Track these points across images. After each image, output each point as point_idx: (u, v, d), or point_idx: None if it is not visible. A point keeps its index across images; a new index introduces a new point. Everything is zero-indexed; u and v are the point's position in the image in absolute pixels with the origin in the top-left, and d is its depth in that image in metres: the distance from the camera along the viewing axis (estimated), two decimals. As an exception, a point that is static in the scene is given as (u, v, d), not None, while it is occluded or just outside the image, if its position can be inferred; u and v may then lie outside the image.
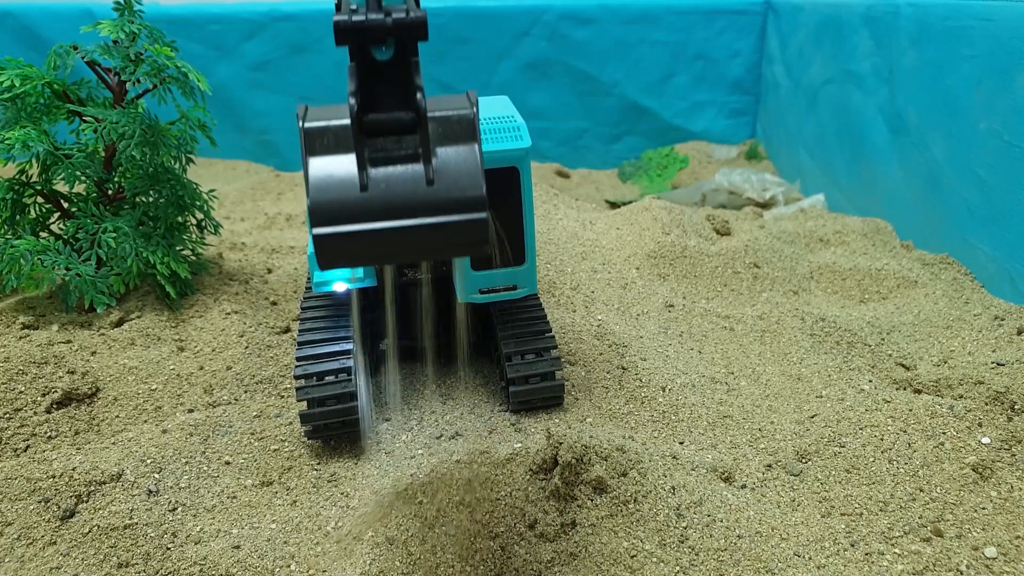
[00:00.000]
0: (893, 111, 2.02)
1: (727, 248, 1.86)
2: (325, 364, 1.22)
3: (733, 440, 1.23)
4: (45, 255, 1.48)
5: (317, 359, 1.23)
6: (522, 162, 1.13)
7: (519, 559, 0.97)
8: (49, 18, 2.89)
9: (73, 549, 1.02)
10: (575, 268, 1.76)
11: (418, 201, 0.70)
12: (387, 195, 0.70)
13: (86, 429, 1.24)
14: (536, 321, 1.33)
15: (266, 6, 2.86)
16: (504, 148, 1.12)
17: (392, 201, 0.70)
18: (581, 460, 1.03)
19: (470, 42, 2.89)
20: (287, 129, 2.96)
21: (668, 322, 1.59)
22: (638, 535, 0.98)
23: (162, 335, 1.49)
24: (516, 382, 1.26)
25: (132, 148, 1.50)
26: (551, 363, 1.27)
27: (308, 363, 1.22)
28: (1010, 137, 1.57)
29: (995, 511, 1.05)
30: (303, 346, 1.24)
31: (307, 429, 1.20)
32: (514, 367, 1.26)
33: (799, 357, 1.46)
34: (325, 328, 1.28)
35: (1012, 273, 1.57)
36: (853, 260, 1.84)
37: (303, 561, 1.02)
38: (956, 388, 1.27)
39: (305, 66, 2.88)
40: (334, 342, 1.25)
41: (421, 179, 0.70)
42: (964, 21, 1.73)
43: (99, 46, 1.55)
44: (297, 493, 1.15)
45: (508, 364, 1.27)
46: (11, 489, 1.09)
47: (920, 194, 1.91)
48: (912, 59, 1.93)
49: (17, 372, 1.27)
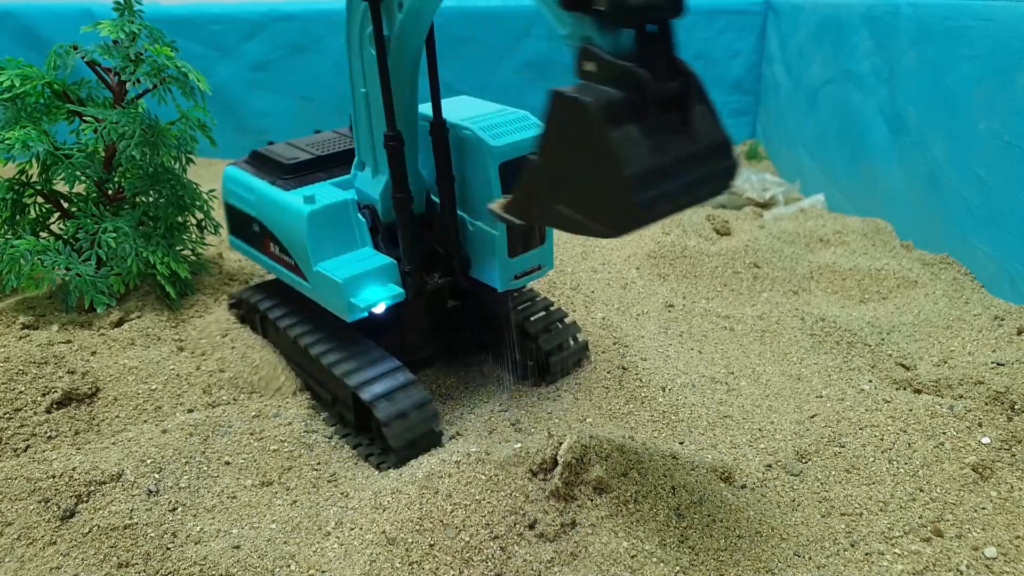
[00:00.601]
0: (893, 111, 2.02)
1: (727, 248, 1.86)
2: (387, 381, 1.19)
3: (733, 440, 1.23)
4: (45, 255, 1.48)
5: (375, 380, 1.20)
6: None
7: (519, 559, 0.97)
8: (49, 18, 2.89)
9: (73, 549, 1.02)
10: (575, 268, 1.76)
11: (692, 155, 0.80)
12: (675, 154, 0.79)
13: (86, 429, 1.24)
14: (537, 300, 1.42)
15: (266, 6, 2.86)
16: (521, 139, 1.19)
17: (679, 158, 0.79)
18: (581, 460, 1.03)
19: (470, 42, 2.88)
20: (287, 129, 2.96)
21: (668, 322, 1.59)
22: (638, 535, 0.98)
23: (162, 335, 1.49)
24: (554, 352, 1.36)
25: (132, 148, 1.50)
26: (572, 328, 1.40)
27: (369, 385, 1.18)
28: (1010, 137, 1.57)
29: (995, 511, 1.05)
30: (352, 374, 1.20)
31: (399, 445, 1.16)
32: (547, 340, 1.36)
33: (799, 357, 1.46)
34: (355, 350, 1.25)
35: (1012, 273, 1.57)
36: (853, 260, 1.84)
37: (303, 561, 1.02)
38: (956, 388, 1.27)
39: (305, 66, 2.88)
40: (379, 360, 1.23)
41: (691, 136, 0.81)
42: (964, 21, 1.73)
43: (99, 46, 1.55)
44: (297, 493, 1.15)
45: (542, 339, 1.35)
46: (11, 489, 1.09)
47: (920, 194, 1.91)
48: (912, 59, 1.93)
49: (17, 372, 1.27)
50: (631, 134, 0.78)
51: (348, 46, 1.15)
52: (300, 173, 1.28)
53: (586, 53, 0.80)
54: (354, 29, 1.13)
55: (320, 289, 1.19)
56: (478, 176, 1.19)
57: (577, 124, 0.78)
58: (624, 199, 0.75)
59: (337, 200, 1.19)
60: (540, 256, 1.27)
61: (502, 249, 1.22)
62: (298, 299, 1.33)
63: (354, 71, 1.16)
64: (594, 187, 0.78)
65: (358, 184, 1.25)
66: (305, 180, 1.27)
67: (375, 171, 1.22)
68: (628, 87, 0.78)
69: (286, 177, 1.27)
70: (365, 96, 1.16)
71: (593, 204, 0.79)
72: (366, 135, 1.20)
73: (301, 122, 2.86)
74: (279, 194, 1.23)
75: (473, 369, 1.47)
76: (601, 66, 0.79)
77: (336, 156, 1.33)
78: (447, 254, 1.25)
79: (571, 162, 0.80)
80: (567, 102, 0.78)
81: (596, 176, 0.78)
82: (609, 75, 0.79)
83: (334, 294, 1.17)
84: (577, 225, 0.81)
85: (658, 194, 0.77)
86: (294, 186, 1.24)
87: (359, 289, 1.16)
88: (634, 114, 0.78)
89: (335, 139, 1.40)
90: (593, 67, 0.80)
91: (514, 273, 1.25)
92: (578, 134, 0.78)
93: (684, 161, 0.80)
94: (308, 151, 1.33)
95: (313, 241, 1.17)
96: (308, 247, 1.17)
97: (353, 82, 1.18)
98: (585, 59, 0.80)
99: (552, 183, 0.82)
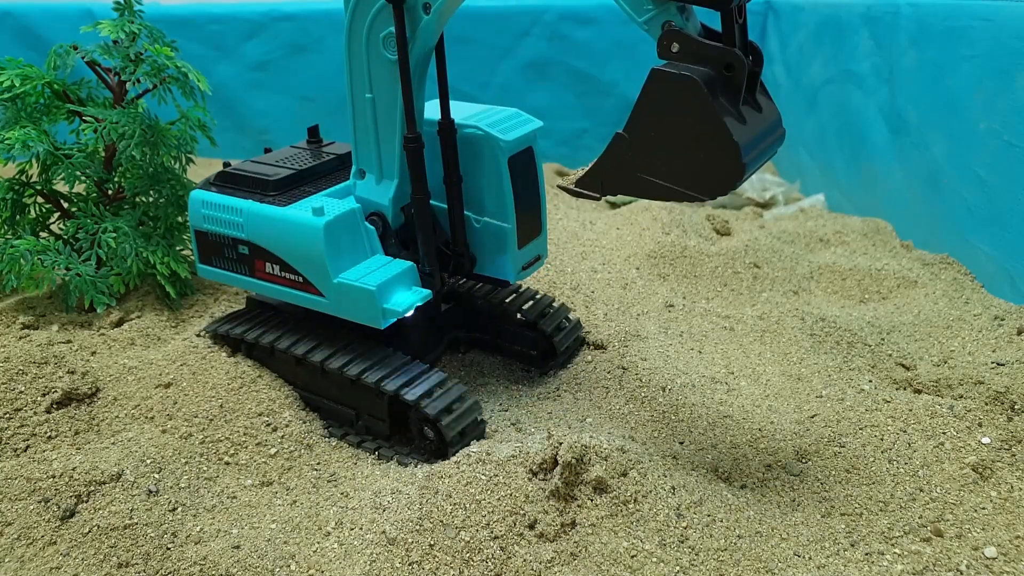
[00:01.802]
0: (893, 111, 2.02)
1: (727, 248, 1.86)
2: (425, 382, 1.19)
3: (733, 440, 1.23)
4: (45, 255, 1.48)
5: (413, 383, 1.19)
6: (536, 141, 1.27)
7: (519, 559, 0.97)
8: (49, 18, 2.89)
9: (73, 549, 1.02)
10: (575, 268, 1.76)
11: (765, 127, 0.94)
12: (756, 124, 0.92)
13: (86, 429, 1.24)
14: (521, 292, 1.45)
15: (266, 6, 2.86)
16: (524, 133, 1.23)
17: (760, 128, 0.92)
18: (581, 460, 1.03)
19: (470, 42, 2.88)
20: (287, 129, 2.96)
21: (668, 322, 1.59)
22: (638, 535, 0.98)
23: (162, 335, 1.49)
24: (555, 333, 1.40)
25: (132, 148, 1.50)
26: (563, 310, 1.45)
27: (410, 388, 1.18)
28: (1010, 137, 1.57)
29: (995, 511, 1.05)
30: (387, 380, 1.19)
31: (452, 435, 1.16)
32: (546, 323, 1.40)
33: (799, 357, 1.46)
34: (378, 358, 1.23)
35: (1012, 273, 1.56)
36: (853, 260, 1.84)
37: (303, 561, 1.02)
38: (956, 388, 1.27)
39: (305, 66, 2.88)
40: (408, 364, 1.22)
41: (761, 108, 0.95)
42: (964, 21, 1.72)
43: (99, 46, 1.55)
44: (297, 493, 1.15)
45: (540, 323, 1.39)
46: (11, 489, 1.09)
47: (920, 194, 1.91)
48: (912, 59, 1.93)
49: (17, 372, 1.27)
50: (725, 107, 0.88)
51: (350, 50, 1.14)
52: (287, 189, 1.25)
53: (672, 35, 0.89)
54: (359, 32, 1.12)
55: (343, 301, 1.17)
56: (486, 173, 1.21)
57: (680, 98, 0.87)
58: (733, 164, 0.86)
59: (346, 210, 1.18)
60: (538, 247, 1.33)
61: (513, 242, 1.25)
62: (285, 321, 1.31)
63: (356, 75, 1.15)
64: (694, 156, 0.88)
65: (361, 193, 1.23)
66: (295, 196, 1.23)
67: (380, 177, 1.22)
68: (717, 65, 0.88)
69: (272, 194, 1.23)
70: (371, 101, 1.16)
71: (690, 171, 0.89)
72: (370, 142, 1.19)
73: (301, 122, 2.84)
74: (278, 211, 1.20)
75: (473, 369, 1.47)
76: (686, 46, 0.89)
77: (313, 170, 1.30)
78: (456, 253, 1.27)
79: (668, 134, 0.89)
80: (670, 78, 0.87)
81: (699, 145, 0.88)
82: (696, 55, 0.89)
83: (363, 303, 1.15)
84: (666, 192, 0.91)
85: (749, 159, 0.88)
86: (286, 202, 1.21)
87: (390, 295, 1.15)
88: (724, 89, 0.88)
89: (301, 153, 1.36)
90: (678, 48, 0.89)
91: (521, 264, 1.29)
92: (681, 107, 0.87)
93: (762, 131, 0.93)
94: (285, 166, 1.29)
95: (331, 253, 1.15)
96: (327, 260, 1.15)
97: (354, 87, 1.16)
98: (672, 40, 0.90)
99: (640, 155, 0.91)
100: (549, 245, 1.84)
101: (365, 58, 1.13)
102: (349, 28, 1.12)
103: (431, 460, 1.17)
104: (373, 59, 1.13)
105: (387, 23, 1.09)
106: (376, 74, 1.13)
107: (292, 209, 1.19)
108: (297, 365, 1.28)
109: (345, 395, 1.25)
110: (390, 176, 1.20)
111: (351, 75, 1.16)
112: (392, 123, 1.16)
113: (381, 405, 1.21)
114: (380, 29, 1.10)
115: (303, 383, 1.30)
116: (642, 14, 0.92)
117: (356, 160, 1.23)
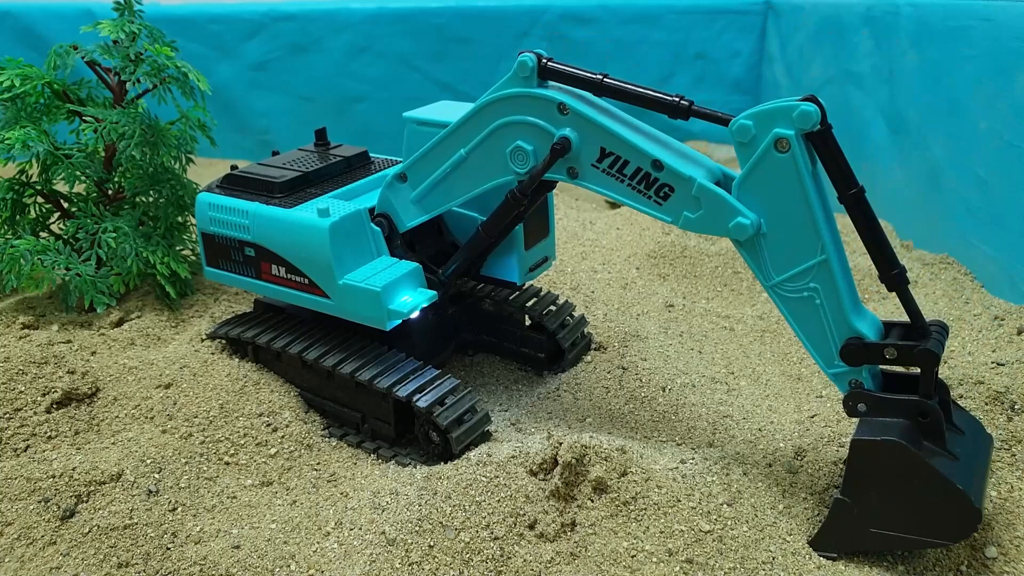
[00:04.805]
0: (893, 111, 2.02)
1: (727, 248, 1.86)
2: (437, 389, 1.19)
3: (733, 440, 1.23)
4: (45, 255, 1.48)
5: (425, 388, 1.18)
6: None
7: (519, 559, 0.97)
8: (49, 18, 2.89)
9: (73, 549, 1.02)
10: (575, 268, 1.77)
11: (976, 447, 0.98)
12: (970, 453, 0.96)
13: (86, 429, 1.24)
14: (524, 291, 1.43)
15: (266, 6, 2.86)
16: None
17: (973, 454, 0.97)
18: (581, 460, 1.03)
19: (470, 42, 2.88)
20: (287, 129, 2.96)
21: (668, 322, 1.59)
22: (638, 535, 0.98)
23: (162, 335, 1.49)
24: (559, 330, 1.40)
25: (132, 148, 1.50)
26: (567, 307, 1.45)
27: (422, 394, 1.17)
28: (1010, 137, 1.57)
29: (995, 511, 1.05)
30: (399, 385, 1.18)
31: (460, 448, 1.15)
32: (550, 320, 1.40)
33: (799, 357, 1.46)
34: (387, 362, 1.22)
35: (1012, 273, 1.56)
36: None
37: (303, 561, 1.02)
38: (956, 388, 1.27)
39: (305, 66, 2.88)
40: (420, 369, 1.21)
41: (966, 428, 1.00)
42: (964, 21, 1.72)
43: (99, 46, 1.55)
44: (297, 493, 1.15)
45: (544, 320, 1.40)
46: (11, 489, 1.09)
47: (920, 194, 1.91)
48: (912, 59, 1.92)
49: (17, 372, 1.27)
50: (933, 451, 0.92)
51: (479, 108, 1.09)
52: (294, 191, 1.25)
53: (859, 396, 0.96)
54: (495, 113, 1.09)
55: (348, 302, 1.17)
56: None
57: (890, 461, 0.91)
58: (967, 510, 0.89)
59: (352, 211, 1.17)
60: (546, 248, 1.34)
61: (520, 243, 1.27)
62: (292, 322, 1.31)
63: (465, 127, 1.11)
64: (923, 505, 0.91)
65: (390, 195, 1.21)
66: (302, 197, 1.23)
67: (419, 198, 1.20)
68: (912, 415, 0.93)
69: (279, 196, 1.23)
70: (462, 158, 1.13)
71: (925, 520, 0.91)
72: (433, 173, 1.17)
73: (301, 122, 2.85)
74: (284, 213, 1.19)
75: (473, 369, 1.47)
76: (874, 406, 0.95)
77: (320, 172, 1.30)
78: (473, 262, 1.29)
79: (889, 493, 0.92)
80: (874, 447, 0.91)
81: (925, 496, 0.90)
82: (884, 408, 0.95)
83: (368, 304, 1.14)
84: (908, 542, 0.93)
85: (976, 495, 0.90)
86: (293, 204, 1.21)
87: (395, 295, 1.15)
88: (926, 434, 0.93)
89: (308, 156, 1.35)
90: (864, 408, 0.96)
91: (528, 265, 1.32)
92: (893, 468, 0.91)
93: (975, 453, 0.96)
94: (292, 169, 1.29)
95: (337, 254, 1.15)
96: (332, 261, 1.15)
97: (455, 130, 1.12)
98: (858, 401, 0.96)
99: (867, 514, 0.94)
100: (549, 245, 1.84)
101: (484, 134, 1.10)
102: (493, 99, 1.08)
103: (431, 462, 1.17)
104: (491, 147, 1.10)
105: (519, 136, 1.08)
106: (483, 156, 1.11)
107: (298, 211, 1.19)
108: (304, 368, 1.28)
109: (352, 398, 1.25)
110: (426, 210, 1.20)
111: (461, 120, 1.11)
112: (464, 188, 1.15)
113: (388, 409, 1.21)
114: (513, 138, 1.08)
115: (309, 386, 1.30)
116: (832, 367, 0.98)
117: (407, 168, 1.19)
